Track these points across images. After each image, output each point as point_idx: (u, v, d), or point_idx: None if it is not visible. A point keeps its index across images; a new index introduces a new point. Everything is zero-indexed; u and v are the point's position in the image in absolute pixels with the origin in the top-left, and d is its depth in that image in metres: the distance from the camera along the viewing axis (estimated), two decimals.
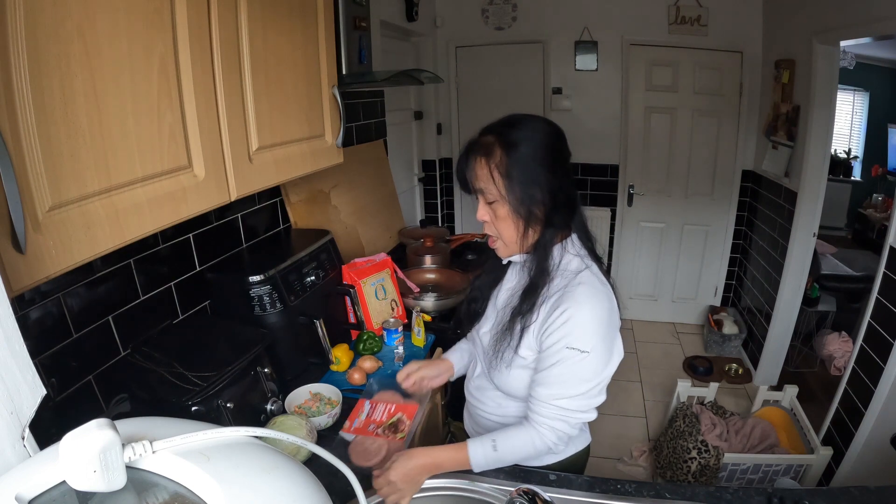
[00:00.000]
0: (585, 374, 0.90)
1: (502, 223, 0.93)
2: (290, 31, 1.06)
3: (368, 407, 1.16)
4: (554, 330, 0.89)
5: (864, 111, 5.11)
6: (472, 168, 0.92)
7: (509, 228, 0.93)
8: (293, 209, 1.73)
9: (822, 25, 2.29)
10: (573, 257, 0.95)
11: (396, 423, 1.09)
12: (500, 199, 0.90)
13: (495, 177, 0.89)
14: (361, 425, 1.10)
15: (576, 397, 0.90)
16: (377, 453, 1.01)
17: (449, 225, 3.76)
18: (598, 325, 0.89)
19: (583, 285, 0.90)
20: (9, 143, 0.53)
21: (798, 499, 0.87)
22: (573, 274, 0.93)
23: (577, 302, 0.89)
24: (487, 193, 0.91)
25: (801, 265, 2.63)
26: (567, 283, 0.91)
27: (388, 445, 1.02)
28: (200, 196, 0.84)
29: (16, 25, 0.53)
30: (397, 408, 1.14)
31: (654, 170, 3.37)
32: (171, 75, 0.76)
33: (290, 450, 1.00)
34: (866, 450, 1.81)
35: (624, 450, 2.45)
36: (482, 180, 0.90)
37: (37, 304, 0.89)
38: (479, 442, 0.94)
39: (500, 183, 0.89)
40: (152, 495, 0.49)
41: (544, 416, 0.92)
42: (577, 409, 0.91)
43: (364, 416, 1.14)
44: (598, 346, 0.89)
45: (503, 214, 0.91)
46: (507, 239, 0.95)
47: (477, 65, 3.37)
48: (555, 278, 0.93)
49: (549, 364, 0.91)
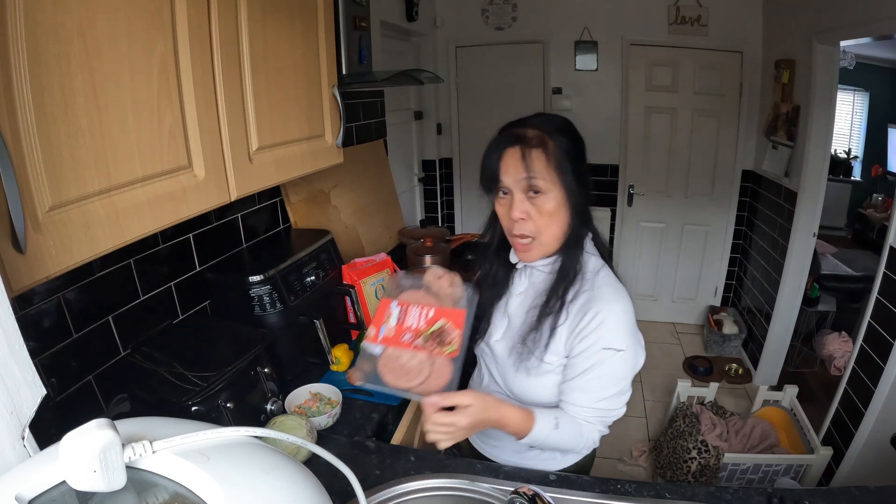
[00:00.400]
0: (622, 371, 0.90)
1: (548, 219, 0.88)
2: (290, 31, 1.06)
3: (397, 309, 0.86)
4: (588, 333, 0.88)
5: (864, 111, 5.11)
6: (524, 160, 0.86)
7: (554, 224, 0.89)
8: (293, 209, 1.73)
9: (822, 25, 2.29)
10: (590, 256, 0.95)
11: (440, 333, 0.82)
12: (552, 192, 0.87)
13: (551, 167, 0.86)
14: (392, 333, 0.84)
15: (613, 396, 0.91)
16: (419, 371, 0.80)
17: (449, 225, 3.76)
18: (629, 322, 0.90)
19: (607, 285, 0.91)
20: (9, 143, 0.53)
21: (798, 499, 0.87)
22: (594, 273, 0.92)
23: (607, 301, 0.89)
24: (538, 186, 0.86)
25: (801, 265, 2.63)
26: (591, 284, 0.91)
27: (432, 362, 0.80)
28: (200, 196, 0.84)
29: (16, 25, 0.53)
30: (437, 311, 0.85)
31: (654, 170, 3.37)
32: (171, 75, 0.76)
33: (290, 450, 1.00)
34: (866, 450, 1.81)
35: (624, 450, 2.45)
36: (537, 170, 0.85)
37: (37, 304, 0.89)
38: (544, 416, 0.90)
39: (554, 173, 0.86)
40: (152, 495, 0.49)
41: (587, 421, 0.92)
42: (614, 407, 0.92)
43: (393, 320, 0.85)
44: (631, 341, 0.90)
45: (552, 208, 0.88)
46: (550, 236, 0.90)
47: (477, 65, 3.37)
48: (578, 279, 0.92)
49: (585, 368, 0.90)
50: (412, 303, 0.86)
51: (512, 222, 0.91)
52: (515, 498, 0.71)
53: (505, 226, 0.94)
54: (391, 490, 0.93)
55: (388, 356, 0.83)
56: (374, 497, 0.91)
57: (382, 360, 0.83)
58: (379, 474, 0.98)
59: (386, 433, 1.26)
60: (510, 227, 0.92)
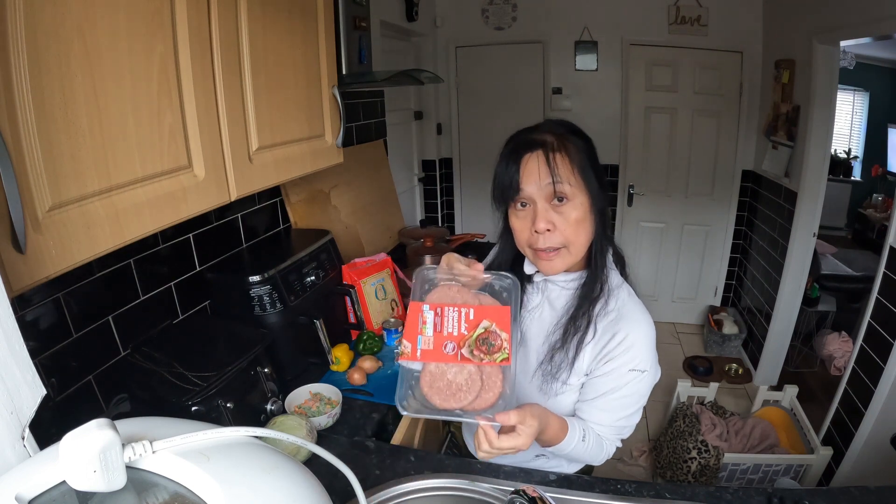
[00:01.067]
0: (643, 391, 0.90)
1: (575, 227, 0.82)
2: (290, 31, 1.06)
3: (431, 314, 0.73)
4: (616, 356, 0.86)
5: (864, 111, 5.11)
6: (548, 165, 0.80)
7: (582, 233, 0.83)
8: (293, 209, 1.73)
9: (822, 25, 2.30)
10: (611, 271, 0.91)
11: (486, 337, 0.71)
12: (580, 197, 0.82)
13: (575, 172, 0.81)
14: (431, 346, 0.71)
15: (633, 414, 0.91)
16: (470, 386, 0.69)
17: (449, 225, 3.76)
18: (653, 342, 0.89)
19: (632, 303, 0.89)
20: (9, 143, 0.53)
21: (798, 499, 0.87)
22: (618, 290, 0.90)
23: (635, 322, 0.87)
24: (565, 192, 0.80)
25: (801, 265, 2.63)
26: (616, 302, 0.89)
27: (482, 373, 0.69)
28: (200, 196, 0.84)
29: (16, 25, 0.53)
30: (477, 311, 0.72)
31: (654, 170, 3.37)
32: (171, 75, 0.76)
33: (290, 450, 1.00)
34: (866, 450, 1.81)
35: (624, 450, 2.45)
36: (563, 176, 0.80)
37: (37, 304, 0.89)
38: (575, 427, 0.87)
39: (579, 178, 0.81)
40: (152, 495, 0.49)
41: (607, 437, 0.92)
42: (632, 423, 0.92)
43: (430, 329, 0.72)
44: (653, 361, 0.89)
45: (579, 216, 0.82)
46: (579, 246, 0.84)
47: (477, 65, 3.37)
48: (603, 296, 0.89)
49: (608, 389, 0.88)
50: (446, 304, 0.73)
51: (535, 236, 0.83)
52: (515, 498, 0.70)
53: (524, 240, 0.86)
54: (391, 490, 0.93)
55: (431, 373, 0.71)
56: (374, 497, 0.91)
57: (425, 379, 0.71)
58: (379, 474, 0.98)
59: (386, 433, 1.26)
60: (532, 241, 0.84)
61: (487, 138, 3.43)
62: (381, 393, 1.31)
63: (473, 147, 3.52)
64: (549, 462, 1.04)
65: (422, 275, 0.79)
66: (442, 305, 0.73)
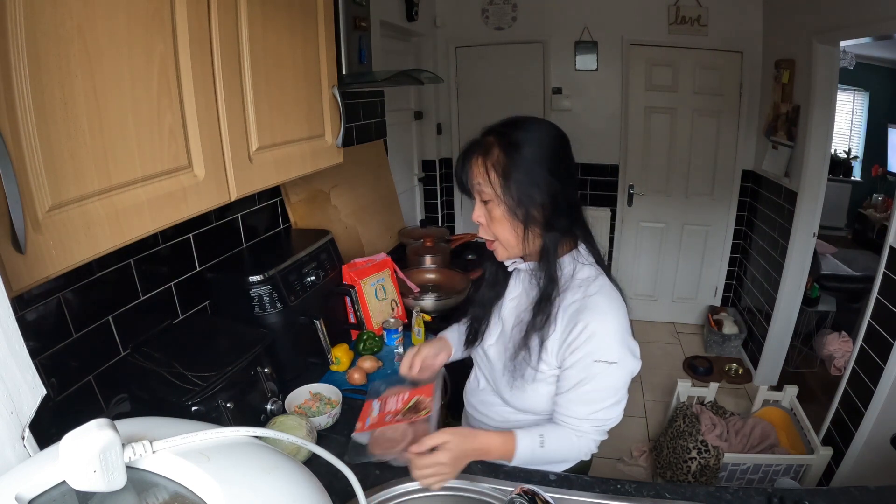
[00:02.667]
0: (617, 383, 0.90)
1: (498, 225, 0.90)
2: (290, 32, 1.06)
3: (378, 404, 1.07)
4: (578, 346, 0.88)
5: (864, 111, 5.11)
6: (470, 167, 0.90)
7: (506, 230, 0.90)
8: (293, 209, 1.73)
9: (822, 25, 2.30)
10: (584, 265, 0.93)
11: (416, 405, 0.99)
12: (496, 200, 0.88)
13: (492, 177, 0.87)
14: (376, 421, 1.01)
15: (609, 407, 0.91)
16: (403, 437, 0.93)
17: (449, 225, 3.76)
18: (621, 333, 0.89)
19: (599, 295, 0.89)
20: (9, 143, 0.53)
21: (798, 499, 0.87)
22: (587, 282, 0.91)
23: (598, 312, 0.88)
24: (483, 193, 0.89)
25: (801, 265, 2.63)
26: (583, 293, 0.90)
27: (412, 427, 0.94)
28: (200, 196, 0.84)
29: (16, 25, 0.53)
30: (411, 393, 1.03)
31: (654, 170, 3.37)
32: (171, 75, 0.76)
33: (290, 450, 1.00)
34: (866, 450, 1.81)
35: (624, 450, 2.45)
36: (477, 178, 0.89)
37: (37, 304, 0.89)
38: (527, 435, 0.92)
39: (496, 183, 0.87)
40: (152, 495, 0.49)
41: (583, 431, 0.92)
42: (610, 417, 0.92)
43: (376, 412, 1.04)
44: (623, 353, 0.89)
45: (499, 216, 0.89)
46: (505, 241, 0.92)
47: (477, 65, 3.37)
48: (569, 289, 0.91)
49: (578, 381, 0.89)
50: (390, 395, 1.06)
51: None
52: (515, 498, 0.71)
53: None
54: (391, 490, 0.94)
55: (375, 437, 0.98)
56: (374, 497, 0.91)
57: (372, 442, 0.97)
58: (379, 474, 0.98)
59: None
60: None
61: None
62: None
63: None
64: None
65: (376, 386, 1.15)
66: (386, 397, 1.06)
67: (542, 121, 0.93)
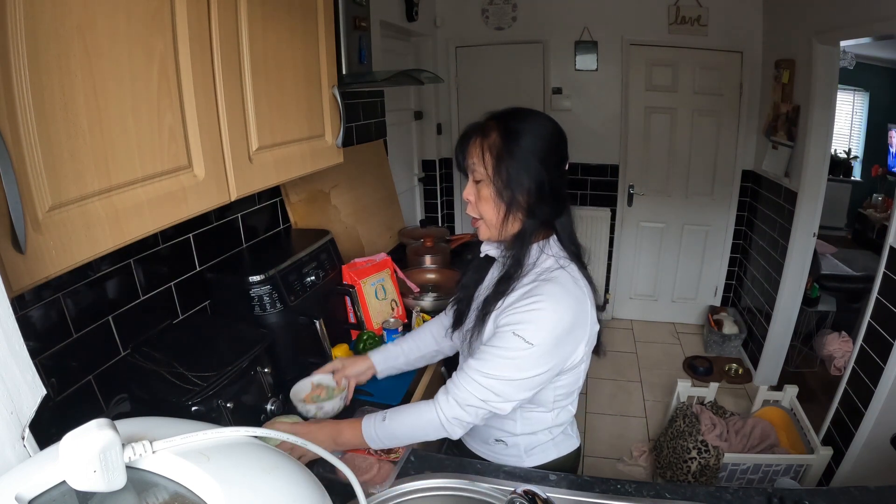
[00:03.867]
0: (522, 364, 0.88)
1: (485, 204, 0.94)
2: (290, 32, 1.06)
3: None
4: (510, 314, 0.90)
5: (864, 111, 5.11)
6: (467, 147, 0.95)
7: (490, 210, 0.94)
8: (293, 209, 1.73)
9: (822, 25, 2.30)
10: (549, 257, 0.95)
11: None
12: (486, 180, 0.92)
13: (486, 158, 0.91)
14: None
15: (500, 380, 0.89)
16: (368, 470, 0.99)
17: (449, 225, 3.76)
18: (555, 324, 0.88)
19: (552, 282, 0.90)
20: (9, 143, 0.53)
21: (798, 499, 0.87)
22: (546, 272, 0.93)
23: (542, 296, 0.88)
24: (476, 173, 0.94)
25: (801, 265, 2.63)
26: (534, 280, 0.92)
27: (379, 465, 1.01)
28: (200, 196, 0.84)
29: (16, 25, 0.53)
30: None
31: (654, 170, 3.37)
32: (171, 75, 0.76)
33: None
34: (866, 450, 1.81)
35: (624, 450, 2.45)
36: (473, 157, 0.93)
37: (37, 304, 0.89)
38: (372, 416, 0.98)
39: (488, 163, 0.91)
40: (152, 495, 0.49)
41: (457, 387, 0.92)
42: (494, 393, 0.89)
43: None
44: (547, 343, 0.88)
45: (486, 195, 0.93)
46: (488, 221, 0.96)
47: (477, 65, 3.37)
48: (527, 275, 0.94)
49: (492, 342, 0.91)
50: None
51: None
52: (515, 498, 0.71)
53: None
54: (391, 490, 0.94)
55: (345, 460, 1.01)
56: (373, 497, 0.91)
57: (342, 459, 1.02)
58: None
59: None
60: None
61: None
62: (380, 393, 1.32)
63: None
64: (508, 449, 1.07)
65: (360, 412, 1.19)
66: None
67: (543, 115, 0.97)
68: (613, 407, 2.77)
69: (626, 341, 3.45)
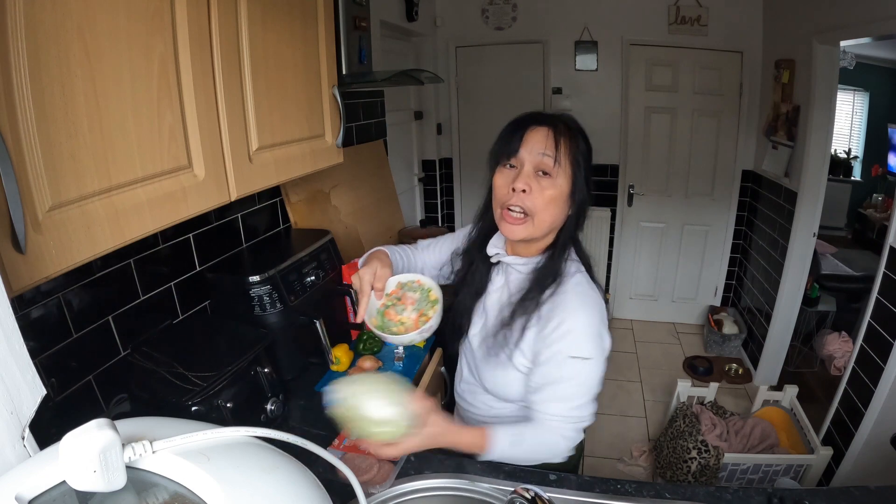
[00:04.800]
0: (591, 381, 0.91)
1: (546, 202, 0.88)
2: (290, 32, 1.06)
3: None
4: (554, 340, 0.89)
5: (864, 111, 5.10)
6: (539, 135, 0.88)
7: (549, 211, 0.89)
8: (293, 209, 1.73)
9: (822, 25, 2.29)
10: (571, 261, 0.96)
11: None
12: (562, 178, 0.88)
13: (568, 158, 0.89)
14: (352, 444, 1.06)
15: (585, 404, 0.92)
16: (368, 470, 0.99)
17: (449, 225, 3.76)
18: (595, 330, 0.90)
19: (573, 293, 0.91)
20: (9, 143, 0.53)
21: (798, 499, 0.87)
22: (567, 277, 0.93)
23: (571, 310, 0.89)
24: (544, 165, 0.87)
25: (801, 265, 2.63)
26: (562, 289, 0.92)
27: (378, 465, 1.00)
28: (200, 196, 0.84)
29: (16, 25, 0.53)
30: None
31: (654, 170, 3.37)
32: (171, 75, 0.76)
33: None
34: (866, 450, 1.81)
35: (624, 450, 2.45)
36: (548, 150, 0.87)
37: (37, 304, 0.89)
38: (501, 432, 0.90)
39: (569, 165, 0.89)
40: (152, 495, 0.49)
41: (561, 429, 0.92)
42: (586, 415, 0.92)
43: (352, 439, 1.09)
44: (597, 350, 0.90)
45: (553, 195, 0.88)
46: (542, 221, 0.90)
47: (477, 65, 3.37)
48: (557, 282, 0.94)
49: (556, 377, 0.90)
50: None
51: (510, 194, 0.89)
52: (515, 498, 0.71)
53: (500, 196, 0.92)
54: (391, 490, 0.94)
55: (345, 459, 1.00)
56: (373, 497, 0.91)
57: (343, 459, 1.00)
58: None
59: None
60: (506, 199, 0.90)
61: (488, 138, 3.37)
62: None
63: (473, 147, 3.52)
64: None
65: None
66: None
67: None
68: (613, 407, 2.77)
69: (626, 341, 3.45)
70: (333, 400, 0.81)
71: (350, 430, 0.82)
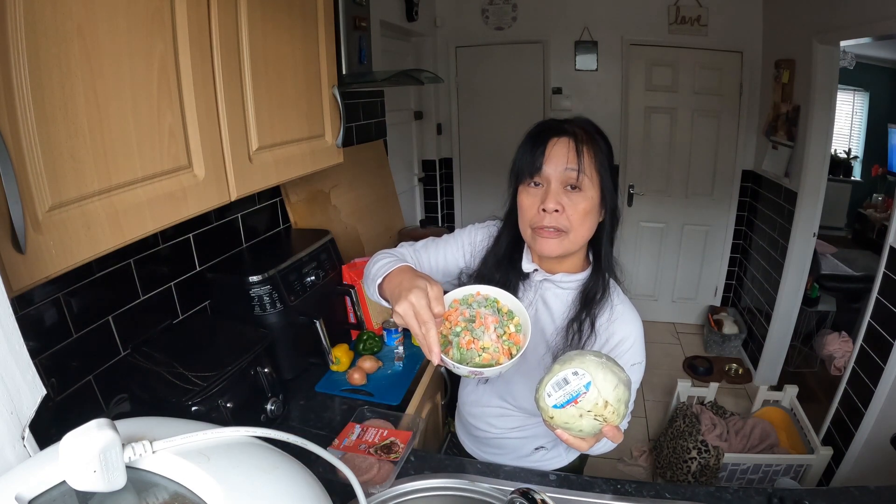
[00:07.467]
0: (639, 379, 0.94)
1: (581, 217, 0.85)
2: (290, 32, 1.06)
3: (359, 429, 1.11)
4: (620, 354, 0.90)
5: (864, 111, 5.10)
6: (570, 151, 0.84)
7: (585, 225, 0.87)
8: (293, 209, 1.73)
9: (822, 25, 2.29)
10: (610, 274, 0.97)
11: (390, 446, 1.04)
12: (591, 192, 0.85)
13: (594, 167, 0.85)
14: (352, 444, 1.06)
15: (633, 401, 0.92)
16: (367, 471, 0.98)
17: (449, 225, 3.76)
18: (643, 334, 0.94)
19: (623, 305, 0.94)
20: (9, 143, 0.53)
21: (798, 499, 0.87)
22: (612, 291, 0.95)
23: (629, 322, 0.92)
24: (582, 182, 0.84)
25: (801, 265, 2.63)
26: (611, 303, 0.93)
27: (378, 465, 0.99)
28: (200, 196, 0.84)
29: (16, 25, 0.53)
30: (390, 433, 1.09)
31: (654, 170, 3.37)
32: (171, 75, 0.76)
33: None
34: (866, 450, 1.81)
35: (624, 450, 2.45)
36: (583, 166, 0.83)
37: (37, 304, 0.89)
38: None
39: (596, 174, 0.86)
40: (152, 495, 0.49)
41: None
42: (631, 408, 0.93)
43: (354, 436, 1.09)
44: (644, 349, 0.93)
45: (587, 208, 0.85)
46: (579, 235, 0.87)
47: (477, 65, 3.37)
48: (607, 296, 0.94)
49: None
50: (371, 426, 1.12)
51: (540, 215, 0.85)
52: (515, 498, 0.71)
53: (528, 217, 0.87)
54: (391, 490, 0.94)
55: (345, 459, 1.01)
56: (373, 498, 0.91)
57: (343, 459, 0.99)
58: None
59: None
60: (536, 220, 0.86)
61: (487, 138, 3.43)
62: (380, 393, 1.32)
63: (473, 147, 3.52)
64: (549, 453, 1.06)
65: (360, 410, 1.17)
66: (368, 427, 1.12)
67: None
68: None
69: None
70: (576, 392, 0.62)
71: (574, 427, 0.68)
